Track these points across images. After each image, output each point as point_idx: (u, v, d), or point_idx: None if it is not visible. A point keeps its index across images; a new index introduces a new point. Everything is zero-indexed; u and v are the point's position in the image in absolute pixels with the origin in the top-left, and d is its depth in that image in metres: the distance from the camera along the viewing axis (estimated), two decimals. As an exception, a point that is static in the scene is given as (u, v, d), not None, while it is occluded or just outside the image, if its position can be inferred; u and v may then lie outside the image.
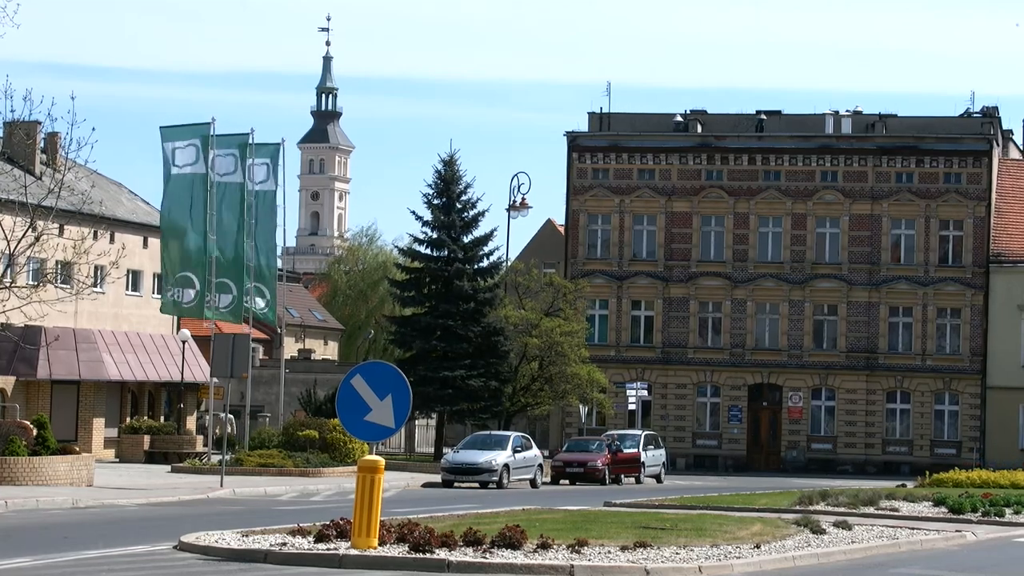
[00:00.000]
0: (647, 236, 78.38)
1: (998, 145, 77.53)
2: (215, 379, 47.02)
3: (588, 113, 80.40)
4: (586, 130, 79.96)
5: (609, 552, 22.52)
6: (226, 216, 53.81)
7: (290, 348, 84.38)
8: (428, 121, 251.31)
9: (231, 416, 53.40)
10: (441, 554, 21.45)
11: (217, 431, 50.84)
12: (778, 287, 76.62)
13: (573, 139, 79.39)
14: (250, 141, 54.27)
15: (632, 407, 69.33)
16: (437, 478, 50.75)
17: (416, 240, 64.87)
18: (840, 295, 76.11)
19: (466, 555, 21.54)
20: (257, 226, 54.75)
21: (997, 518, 34.30)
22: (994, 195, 76.14)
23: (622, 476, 56.32)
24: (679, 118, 79.43)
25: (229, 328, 54.53)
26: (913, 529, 30.06)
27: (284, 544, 22.49)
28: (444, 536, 22.12)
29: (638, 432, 61.40)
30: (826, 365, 76.04)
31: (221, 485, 40.77)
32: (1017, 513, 35.40)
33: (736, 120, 79.45)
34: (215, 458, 48.83)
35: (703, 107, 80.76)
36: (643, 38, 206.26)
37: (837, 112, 78.24)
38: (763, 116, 78.56)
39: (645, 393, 72.78)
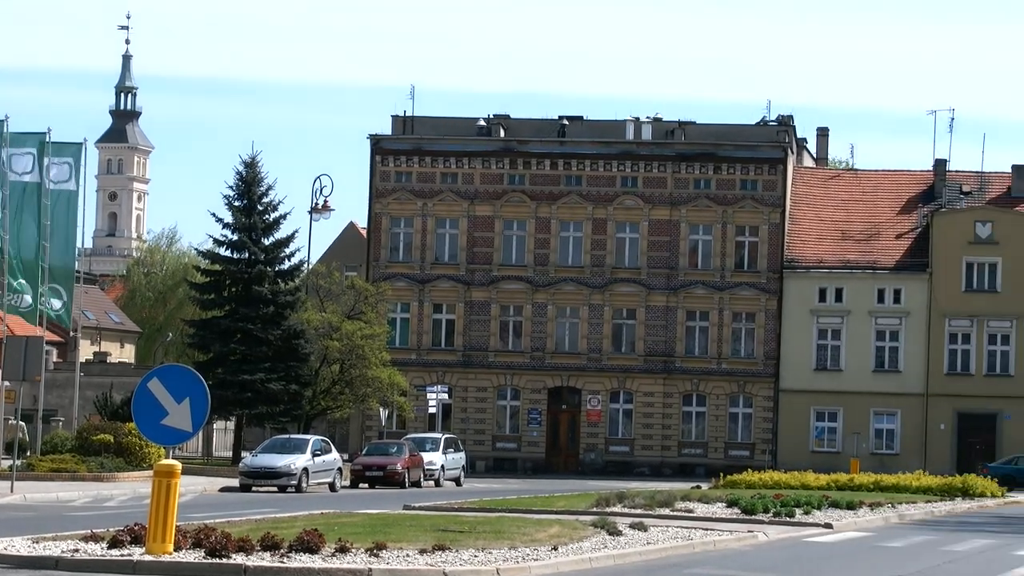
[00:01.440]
0: (449, 239, 78.59)
1: (793, 153, 79.22)
2: (7, 383, 46.00)
3: (392, 116, 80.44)
4: (389, 133, 79.90)
5: (408, 555, 22.53)
6: (24, 216, 52.61)
7: (86, 351, 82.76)
8: (230, 122, 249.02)
9: (22, 422, 52.22)
10: (238, 559, 21.25)
11: (7, 436, 49.70)
12: (578, 291, 77.37)
13: (376, 142, 79.26)
14: (47, 140, 53.14)
15: (432, 410, 69.39)
16: (235, 482, 50.26)
17: (216, 242, 64.08)
18: (639, 299, 77.09)
19: (263, 560, 21.37)
20: (55, 226, 53.61)
21: (788, 518, 35.04)
22: (788, 202, 77.77)
23: (422, 479, 56.32)
24: (483, 122, 79.76)
25: (22, 330, 53.35)
26: (707, 530, 30.58)
27: (76, 551, 22.07)
28: (241, 541, 21.91)
29: (438, 435, 61.51)
30: (624, 368, 76.97)
31: (11, 491, 39.85)
32: (807, 514, 36.24)
33: (539, 125, 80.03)
34: (5, 463, 47.73)
35: (507, 112, 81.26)
36: (448, 41, 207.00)
37: (638, 119, 79.25)
38: (565, 122, 79.25)
39: (446, 396, 72.93)
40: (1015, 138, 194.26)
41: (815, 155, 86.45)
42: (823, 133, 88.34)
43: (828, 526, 34.11)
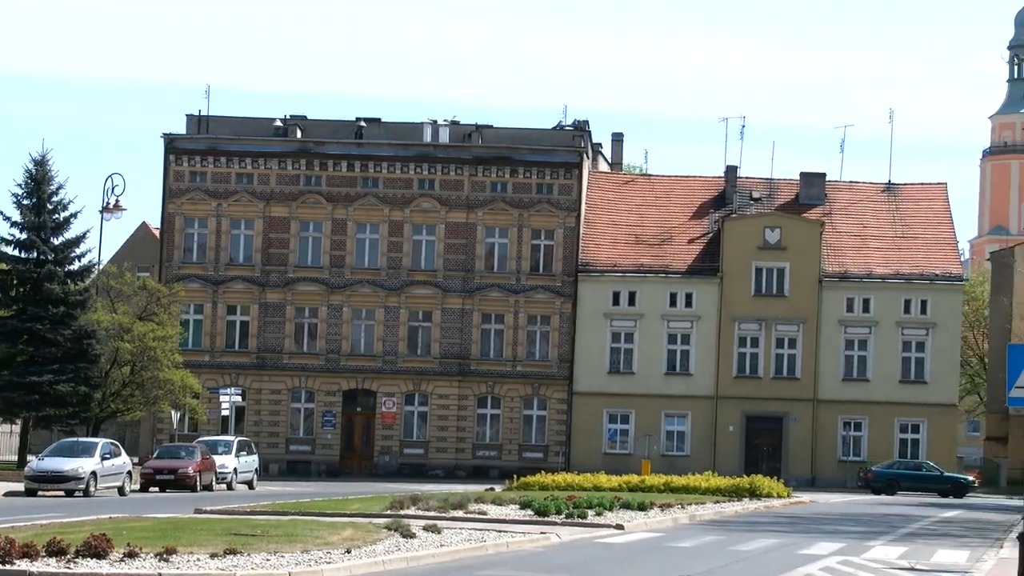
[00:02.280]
0: (244, 240, 77.87)
1: (588, 158, 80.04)
2: None
3: (186, 115, 79.45)
4: (184, 132, 78.91)
5: (198, 560, 22.27)
6: None
7: None
8: (20, 119, 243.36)
9: None
10: (22, 565, 20.79)
11: None
12: (374, 293, 77.23)
13: (170, 141, 78.25)
14: None
15: (225, 413, 68.62)
16: (21, 487, 49.14)
17: (4, 241, 62.73)
18: (435, 302, 77.22)
19: (49, 566, 20.95)
20: None
21: (580, 520, 35.40)
22: (584, 206, 78.56)
23: (214, 482, 55.67)
24: (279, 123, 79.18)
25: None
26: (501, 532, 30.77)
27: None
28: (26, 547, 21.43)
29: (231, 438, 60.89)
30: (420, 371, 77.03)
31: None
32: (599, 515, 36.67)
33: (336, 126, 79.70)
34: None
35: (303, 112, 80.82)
36: (243, 40, 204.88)
37: (435, 121, 79.37)
38: (363, 123, 79.05)
39: (239, 398, 72.19)
40: (803, 146, 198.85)
41: (610, 160, 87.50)
42: (618, 138, 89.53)
43: (620, 527, 34.54)
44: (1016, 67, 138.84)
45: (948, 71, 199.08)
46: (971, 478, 72.93)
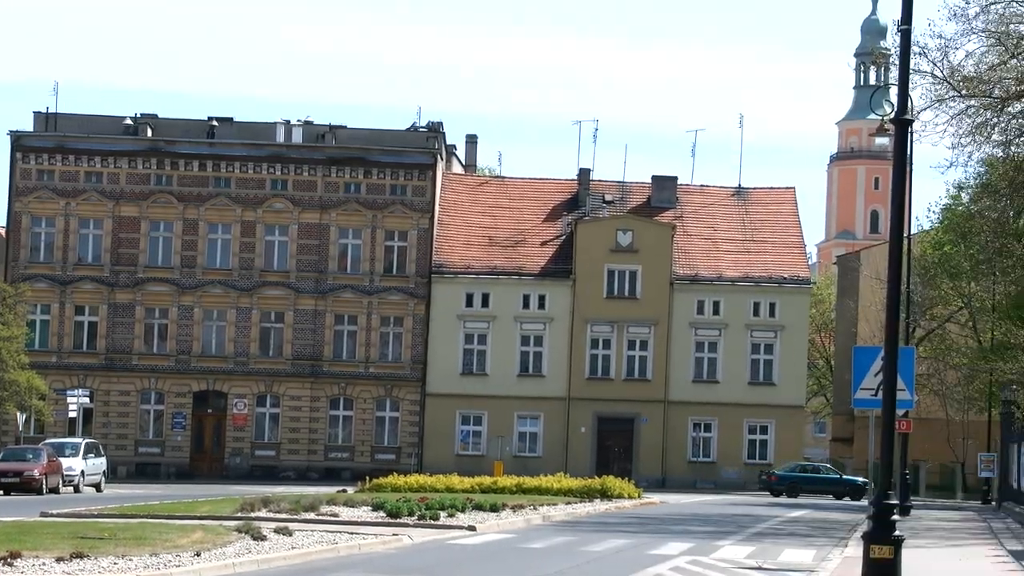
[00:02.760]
0: (93, 240, 76.84)
1: (442, 159, 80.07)
2: None
3: (34, 112, 78.26)
4: (31, 130, 77.67)
5: (44, 564, 21.92)
6: None
7: None
8: None
9: None
10: None
11: None
12: (226, 294, 76.57)
13: (17, 139, 77.01)
14: None
15: (73, 414, 67.61)
16: None
17: None
18: (287, 303, 76.75)
19: None
20: None
21: (433, 521, 35.40)
22: (437, 208, 78.56)
23: (60, 485, 54.83)
24: (129, 121, 78.24)
25: None
26: (353, 534, 30.67)
27: None
28: None
29: (78, 440, 60.02)
30: (272, 372, 76.52)
31: None
32: (451, 516, 36.69)
33: (188, 125, 78.93)
34: None
35: (154, 111, 79.96)
36: (93, 36, 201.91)
37: (288, 121, 78.91)
38: (215, 123, 78.35)
39: (87, 400, 71.16)
40: (655, 149, 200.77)
41: (464, 162, 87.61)
42: (472, 140, 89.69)
43: (472, 528, 34.59)
44: (862, 74, 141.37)
45: (797, 77, 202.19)
46: (866, 480, 73.82)
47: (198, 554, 24.25)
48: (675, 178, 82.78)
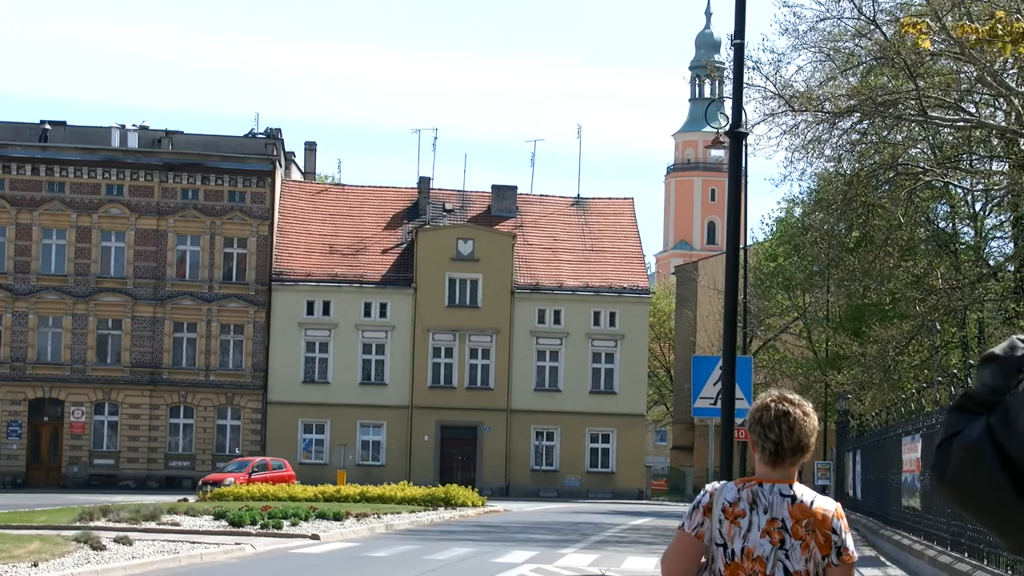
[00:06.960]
0: (-77, 245, 75.06)
1: (281, 166, 79.51)
2: None
3: None
4: None
5: None
6: None
7: None
8: None
9: None
10: None
11: None
12: (61, 300, 75.27)
13: None
14: None
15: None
16: None
17: None
18: (125, 309, 75.66)
19: None
20: None
21: (276, 530, 35.14)
22: (277, 215, 78.01)
23: None
24: (-40, 123, 76.63)
25: None
26: (194, 543, 30.32)
27: None
28: None
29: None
30: (110, 379, 75.36)
31: None
32: (295, 525, 36.46)
33: (19, 128, 77.45)
34: None
35: (-14, 113, 78.34)
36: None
37: (124, 126, 77.80)
38: (48, 126, 77.00)
39: (-83, 409, 69.52)
40: (494, 159, 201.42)
41: (303, 169, 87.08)
42: (311, 147, 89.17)
43: (315, 537, 34.39)
44: (698, 87, 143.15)
45: (635, 90, 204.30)
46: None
47: (35, 564, 23.78)
48: (515, 188, 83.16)
